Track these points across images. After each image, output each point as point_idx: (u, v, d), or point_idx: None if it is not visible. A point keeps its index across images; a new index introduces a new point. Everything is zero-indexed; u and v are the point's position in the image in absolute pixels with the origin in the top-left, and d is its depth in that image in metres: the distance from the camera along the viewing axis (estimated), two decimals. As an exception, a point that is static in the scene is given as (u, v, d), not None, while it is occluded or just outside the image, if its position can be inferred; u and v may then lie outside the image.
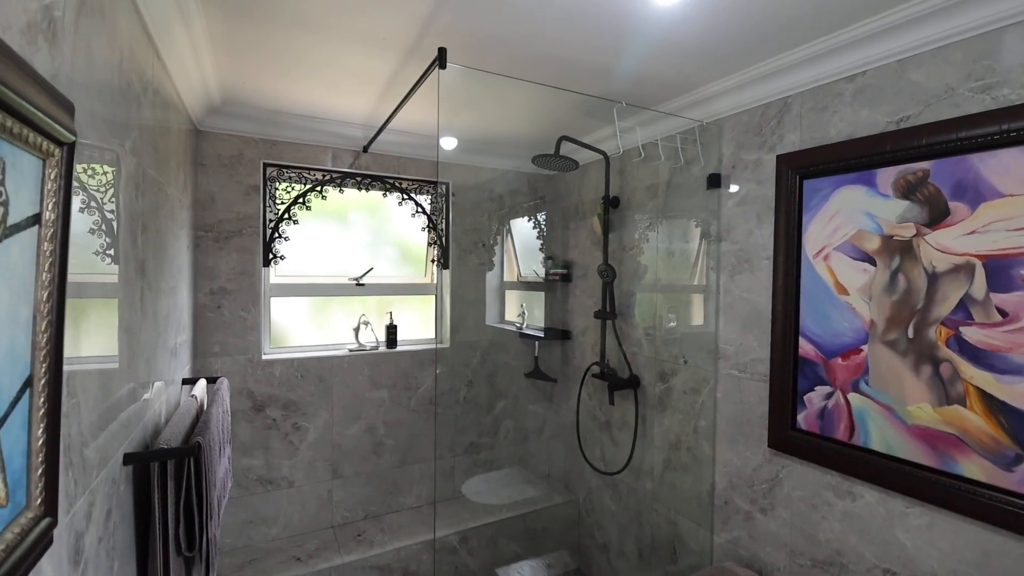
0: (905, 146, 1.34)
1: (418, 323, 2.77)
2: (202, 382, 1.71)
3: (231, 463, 1.77)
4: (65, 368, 0.71)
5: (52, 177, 0.61)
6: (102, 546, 0.91)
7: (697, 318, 2.03)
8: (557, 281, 2.82)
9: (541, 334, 2.85)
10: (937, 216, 1.29)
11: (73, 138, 0.64)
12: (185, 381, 1.79)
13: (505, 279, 3.05)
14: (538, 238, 2.96)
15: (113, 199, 0.96)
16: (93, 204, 0.85)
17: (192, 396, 1.56)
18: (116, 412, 0.99)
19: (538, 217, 2.95)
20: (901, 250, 1.36)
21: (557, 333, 2.83)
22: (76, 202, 0.76)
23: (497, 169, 2.79)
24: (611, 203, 2.40)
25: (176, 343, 1.69)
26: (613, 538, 2.48)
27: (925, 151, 1.31)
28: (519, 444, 2.93)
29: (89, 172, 0.82)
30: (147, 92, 1.23)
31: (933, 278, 1.30)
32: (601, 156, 2.41)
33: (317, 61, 1.66)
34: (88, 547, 0.84)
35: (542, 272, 2.90)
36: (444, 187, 2.68)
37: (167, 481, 1.13)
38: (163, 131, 1.43)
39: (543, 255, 2.91)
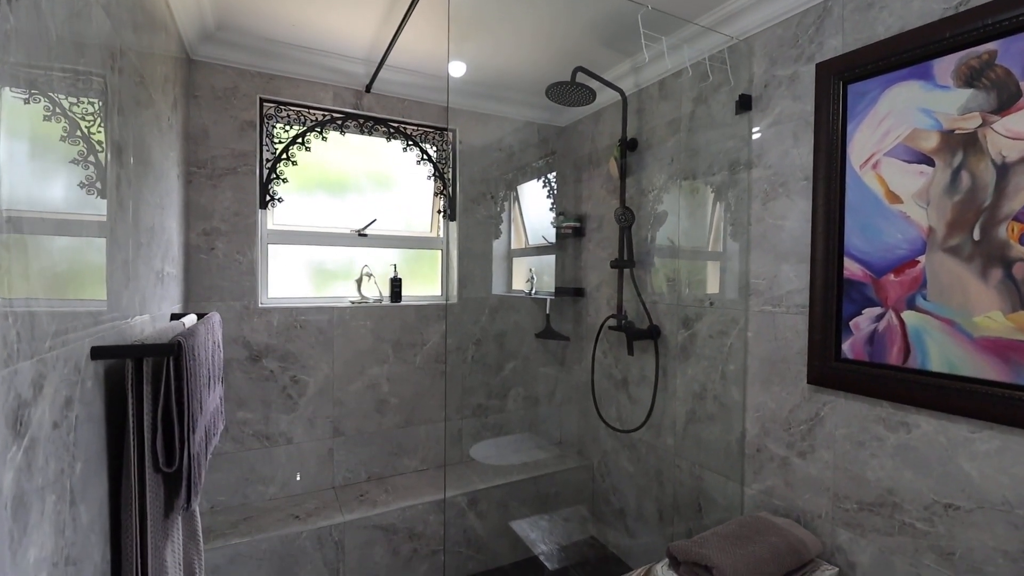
0: (967, 29, 1.20)
1: (423, 287, 2.63)
2: (192, 316, 1.59)
3: (223, 404, 1.64)
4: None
5: None
6: (58, 434, 0.78)
7: (725, 256, 1.89)
8: (569, 236, 2.68)
9: (552, 296, 2.71)
10: (1007, 100, 1.15)
11: None
12: (174, 316, 1.66)
13: (513, 247, 2.90)
14: (548, 196, 2.82)
15: (84, 57, 0.83)
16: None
17: (181, 323, 1.44)
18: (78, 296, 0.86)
19: (548, 176, 2.81)
20: (964, 144, 1.22)
21: (569, 291, 2.68)
22: None
23: (507, 117, 2.65)
24: (628, 146, 2.27)
25: (164, 270, 1.56)
26: (631, 501, 2.33)
27: (992, 31, 1.17)
28: (529, 408, 2.78)
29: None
30: (124, -38, 1.11)
31: (1003, 170, 1.15)
32: (618, 95, 2.27)
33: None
34: (36, 424, 0.71)
35: (552, 238, 2.75)
36: (451, 134, 2.54)
37: (143, 384, 1.00)
38: (148, 21, 1.31)
39: (554, 212, 2.77)
